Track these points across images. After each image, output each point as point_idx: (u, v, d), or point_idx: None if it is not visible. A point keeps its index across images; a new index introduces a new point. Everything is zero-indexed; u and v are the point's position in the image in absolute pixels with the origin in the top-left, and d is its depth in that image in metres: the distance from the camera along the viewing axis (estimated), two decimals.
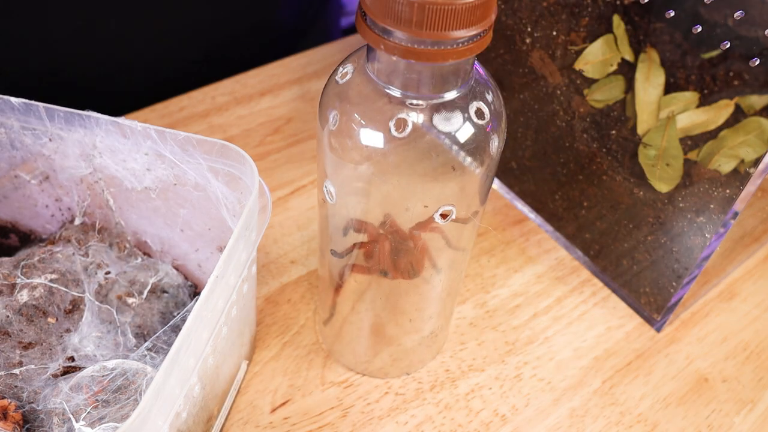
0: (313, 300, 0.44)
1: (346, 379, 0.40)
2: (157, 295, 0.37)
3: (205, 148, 0.33)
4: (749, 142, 0.34)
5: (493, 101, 0.29)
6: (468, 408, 0.39)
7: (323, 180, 0.31)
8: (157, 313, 0.37)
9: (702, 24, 0.34)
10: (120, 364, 0.32)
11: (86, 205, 0.39)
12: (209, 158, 0.33)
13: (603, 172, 0.42)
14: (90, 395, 0.31)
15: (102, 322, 0.35)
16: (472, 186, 0.30)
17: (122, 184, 0.36)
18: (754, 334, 0.44)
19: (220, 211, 0.34)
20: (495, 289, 0.45)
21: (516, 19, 0.43)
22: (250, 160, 0.32)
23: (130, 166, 0.35)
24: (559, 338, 0.43)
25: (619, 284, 0.45)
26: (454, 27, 0.24)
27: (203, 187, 0.34)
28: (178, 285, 0.39)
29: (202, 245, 0.38)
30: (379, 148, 0.28)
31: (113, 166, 0.35)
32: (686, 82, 0.36)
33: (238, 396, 0.39)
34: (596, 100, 0.41)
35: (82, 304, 0.35)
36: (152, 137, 0.33)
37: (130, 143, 0.34)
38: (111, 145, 0.34)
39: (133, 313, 0.36)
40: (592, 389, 0.41)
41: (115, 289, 0.36)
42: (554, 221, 0.48)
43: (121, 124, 0.33)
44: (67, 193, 0.38)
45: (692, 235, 0.39)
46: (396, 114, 0.27)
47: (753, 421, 0.40)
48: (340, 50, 0.63)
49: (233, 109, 0.56)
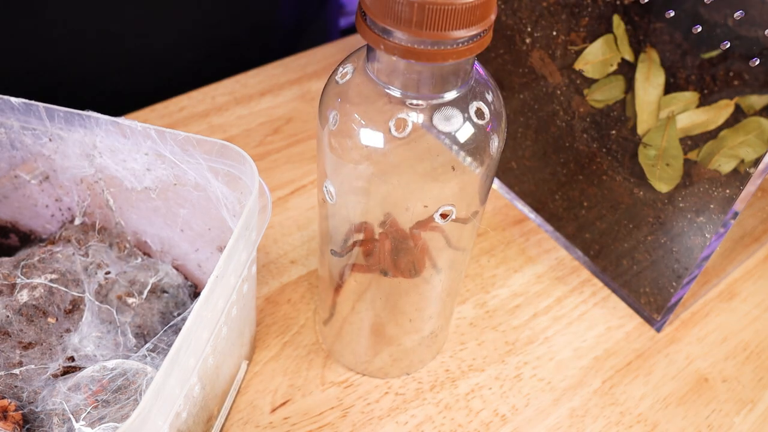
0: (313, 300, 0.44)
1: (346, 379, 0.40)
2: (157, 295, 0.37)
3: (205, 148, 0.33)
4: (749, 142, 0.34)
5: (493, 101, 0.29)
6: (468, 408, 0.39)
7: (323, 180, 0.31)
8: (157, 313, 0.37)
9: (702, 24, 0.34)
10: (120, 364, 0.32)
11: (86, 205, 0.39)
12: (209, 158, 0.33)
13: (603, 172, 0.42)
14: (90, 395, 0.31)
15: (102, 322, 0.35)
16: (472, 186, 0.30)
17: (122, 184, 0.36)
18: (754, 334, 0.44)
19: (220, 211, 0.34)
20: (495, 289, 0.45)
21: (516, 19, 0.43)
22: (250, 160, 0.32)
23: (130, 166, 0.35)
24: (559, 338, 0.43)
25: (619, 284, 0.45)
26: (454, 27, 0.24)
27: (203, 187, 0.34)
28: (178, 285, 0.39)
29: (202, 245, 0.38)
30: (379, 148, 0.28)
31: (113, 166, 0.35)
32: (686, 82, 0.36)
33: (238, 396, 0.39)
34: (596, 100, 0.41)
35: (82, 304, 0.35)
36: (152, 137, 0.33)
37: (130, 143, 0.34)
38: (111, 145, 0.34)
39: (133, 313, 0.36)
40: (592, 389, 0.41)
41: (115, 289, 0.36)
42: (554, 221, 0.48)
43: (121, 124, 0.33)
44: (67, 193, 0.38)
45: (692, 235, 0.39)
46: (396, 114, 0.27)
47: (753, 421, 0.40)
48: (340, 50, 0.63)
49: (233, 109, 0.56)
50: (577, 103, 0.42)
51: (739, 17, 0.33)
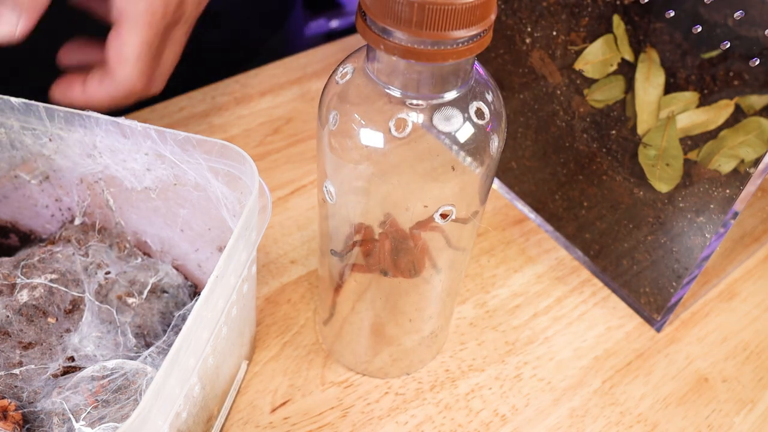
0: (313, 300, 0.44)
1: (346, 379, 0.40)
2: (157, 295, 0.37)
3: (205, 148, 0.33)
4: (749, 142, 0.34)
5: (493, 101, 0.29)
6: (468, 408, 0.39)
7: (323, 180, 0.31)
8: (157, 313, 0.37)
9: (702, 24, 0.34)
10: (120, 364, 0.32)
11: (86, 205, 0.39)
12: (209, 158, 0.33)
13: (603, 172, 0.42)
14: (89, 395, 0.31)
15: (102, 322, 0.35)
16: (472, 186, 0.30)
17: (122, 184, 0.36)
18: (754, 334, 0.44)
19: (220, 211, 0.34)
20: (495, 289, 0.45)
21: (516, 19, 0.43)
22: (250, 160, 0.32)
23: (130, 166, 0.35)
24: (559, 338, 0.43)
25: (619, 284, 0.45)
26: (454, 27, 0.24)
27: (203, 187, 0.34)
28: (178, 285, 0.39)
29: (202, 245, 0.38)
30: (379, 148, 0.28)
31: (113, 166, 0.35)
32: (686, 82, 0.36)
33: (238, 396, 0.39)
34: (596, 100, 0.41)
35: (82, 304, 0.35)
36: (152, 137, 0.33)
37: (130, 143, 0.34)
38: (111, 145, 0.34)
39: (133, 313, 0.36)
40: (592, 389, 0.41)
41: (115, 289, 0.36)
42: (554, 221, 0.48)
43: (121, 124, 0.33)
44: (67, 193, 0.38)
45: (692, 235, 0.39)
46: (396, 114, 0.27)
47: (753, 421, 0.40)
48: (340, 50, 0.63)
49: (233, 109, 0.56)
50: (577, 103, 0.42)
51: (739, 17, 0.33)
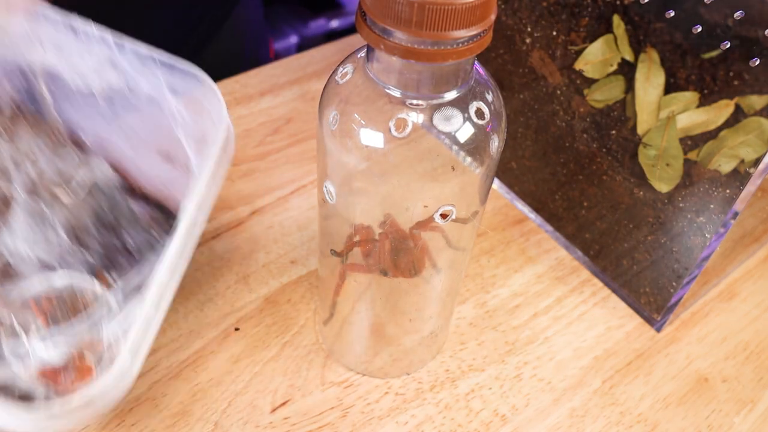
0: (313, 300, 0.44)
1: (346, 379, 0.40)
2: (90, 193, 0.36)
3: (169, 68, 0.31)
4: (749, 142, 0.34)
5: (493, 101, 0.29)
6: (468, 408, 0.39)
7: (323, 180, 0.31)
8: (90, 210, 0.35)
9: (702, 24, 0.34)
10: (66, 276, 0.31)
11: (20, 98, 0.36)
12: (172, 79, 0.32)
13: (603, 172, 0.42)
14: (39, 311, 0.30)
15: (33, 219, 0.33)
16: (472, 186, 0.30)
17: (66, 83, 0.34)
18: (754, 334, 0.44)
19: (175, 129, 0.33)
20: (495, 289, 0.45)
21: (516, 19, 0.43)
22: (216, 89, 0.30)
23: (79, 68, 0.33)
24: (559, 338, 0.43)
25: (619, 284, 0.45)
26: (454, 27, 0.24)
27: (158, 101, 0.33)
28: (112, 184, 0.37)
29: (144, 150, 0.36)
30: (379, 148, 0.28)
31: (59, 64, 0.33)
32: (686, 82, 0.36)
33: (238, 396, 0.39)
34: (596, 100, 0.41)
35: (12, 200, 0.33)
36: (109, 45, 0.32)
37: (81, 45, 0.32)
38: (59, 43, 0.33)
39: (66, 210, 0.34)
40: (592, 389, 0.41)
41: (47, 184, 0.34)
42: (554, 221, 0.48)
43: (75, 27, 0.32)
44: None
45: (692, 235, 0.39)
46: (396, 114, 0.27)
47: (753, 421, 0.40)
48: (340, 50, 0.63)
49: (233, 109, 0.56)
50: (577, 103, 0.42)
51: (739, 17, 0.33)
